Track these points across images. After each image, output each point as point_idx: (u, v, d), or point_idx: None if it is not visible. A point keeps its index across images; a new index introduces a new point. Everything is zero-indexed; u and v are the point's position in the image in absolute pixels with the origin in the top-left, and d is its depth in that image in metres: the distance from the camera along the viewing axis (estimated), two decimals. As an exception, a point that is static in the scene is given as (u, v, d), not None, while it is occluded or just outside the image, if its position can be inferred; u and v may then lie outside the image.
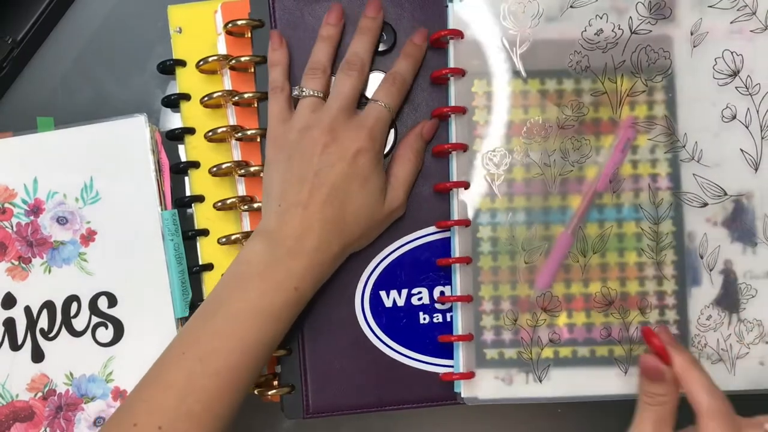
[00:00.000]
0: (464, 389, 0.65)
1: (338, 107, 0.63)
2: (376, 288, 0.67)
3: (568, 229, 0.65)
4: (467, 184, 0.64)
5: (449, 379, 0.65)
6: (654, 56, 0.64)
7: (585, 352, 0.65)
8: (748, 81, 0.64)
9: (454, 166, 0.65)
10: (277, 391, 0.67)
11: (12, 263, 0.70)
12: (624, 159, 0.65)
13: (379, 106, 0.64)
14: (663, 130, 0.65)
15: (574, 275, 0.65)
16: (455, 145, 0.64)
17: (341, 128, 0.62)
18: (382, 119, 0.64)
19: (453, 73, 0.64)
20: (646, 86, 0.64)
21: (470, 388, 0.65)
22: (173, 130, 0.70)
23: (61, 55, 0.75)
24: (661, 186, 0.65)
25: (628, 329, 0.65)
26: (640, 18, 0.64)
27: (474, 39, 0.65)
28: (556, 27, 0.65)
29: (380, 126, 0.63)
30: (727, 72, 0.64)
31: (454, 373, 0.65)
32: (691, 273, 0.65)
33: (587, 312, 0.65)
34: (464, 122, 0.65)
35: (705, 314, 0.65)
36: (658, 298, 0.65)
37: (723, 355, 0.65)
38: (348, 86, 0.64)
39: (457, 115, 0.65)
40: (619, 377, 0.65)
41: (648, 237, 0.64)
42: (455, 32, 0.64)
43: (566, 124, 0.65)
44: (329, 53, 0.65)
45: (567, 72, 0.65)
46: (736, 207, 0.65)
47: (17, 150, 0.70)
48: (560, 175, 0.65)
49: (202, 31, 0.70)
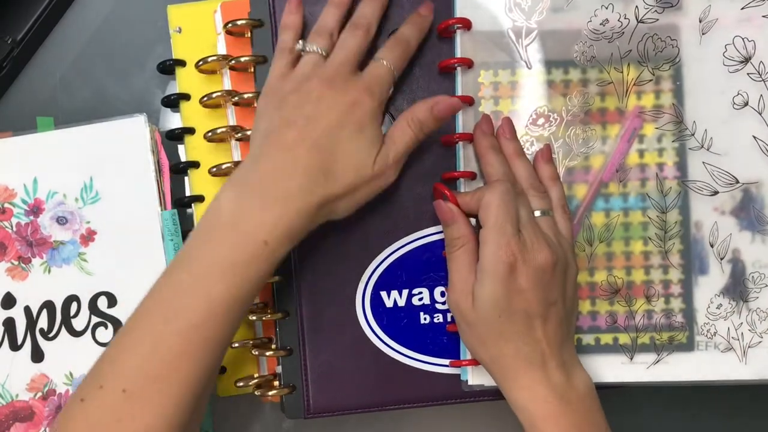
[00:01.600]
0: (471, 377, 0.65)
1: (340, 61, 0.61)
2: (376, 288, 0.67)
3: (574, 218, 0.65)
4: (474, 174, 0.64)
5: (458, 365, 0.65)
6: (661, 45, 0.64)
7: (589, 340, 0.65)
8: (761, 67, 0.64)
9: (461, 156, 0.65)
10: (277, 391, 0.66)
11: (12, 263, 0.69)
12: (630, 149, 0.65)
13: (382, 63, 0.62)
14: (671, 119, 0.65)
15: (580, 264, 0.65)
16: (462, 135, 0.64)
17: (340, 80, 0.60)
18: (383, 76, 0.61)
19: (460, 63, 0.64)
20: (653, 75, 0.64)
21: (477, 375, 0.65)
22: (173, 130, 0.70)
23: (61, 55, 0.75)
24: (668, 175, 0.65)
25: (634, 317, 0.65)
26: (647, 7, 0.64)
27: (481, 29, 0.64)
28: (562, 17, 0.65)
29: (380, 82, 0.61)
30: (738, 59, 0.64)
31: (463, 360, 0.65)
32: (697, 262, 0.65)
33: (592, 300, 0.65)
34: (471, 113, 0.64)
35: (715, 303, 0.65)
36: (664, 286, 0.65)
37: (734, 343, 0.65)
38: (352, 43, 0.62)
39: (464, 105, 0.64)
40: (624, 365, 0.65)
41: (656, 226, 0.65)
42: (463, 21, 0.64)
43: (572, 114, 0.65)
44: (338, 18, 0.63)
45: (573, 62, 0.65)
46: (744, 196, 0.65)
47: (17, 150, 0.70)
48: (566, 165, 0.64)
49: (201, 31, 0.70)
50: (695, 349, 0.65)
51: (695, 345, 0.65)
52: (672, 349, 0.65)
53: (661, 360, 0.65)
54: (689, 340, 0.65)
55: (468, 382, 0.65)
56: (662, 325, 0.65)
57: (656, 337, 0.65)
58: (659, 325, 0.65)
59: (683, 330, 0.65)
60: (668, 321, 0.65)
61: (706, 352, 0.65)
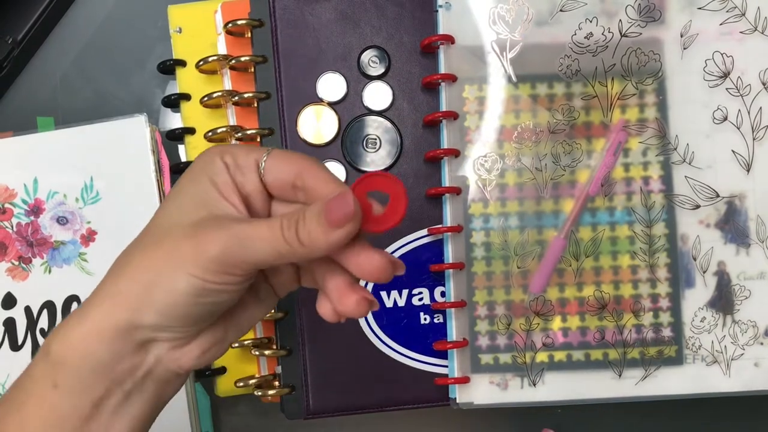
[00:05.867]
0: (459, 394, 0.65)
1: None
2: (376, 288, 0.67)
3: (560, 233, 0.65)
4: (459, 190, 0.64)
5: (444, 383, 0.65)
6: (644, 59, 0.65)
7: (579, 356, 0.65)
8: (739, 82, 0.64)
9: (446, 172, 0.65)
10: (277, 391, 0.66)
11: (12, 263, 0.69)
12: (616, 162, 0.65)
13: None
14: (654, 133, 0.65)
15: (567, 279, 0.65)
16: (447, 150, 0.64)
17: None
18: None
19: (444, 79, 0.64)
20: (637, 89, 0.65)
21: (465, 393, 0.65)
22: (173, 130, 0.70)
23: (61, 55, 0.75)
24: (654, 189, 0.65)
25: (622, 332, 0.65)
26: (630, 21, 0.64)
27: (464, 44, 0.65)
28: (545, 31, 0.65)
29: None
30: (718, 73, 0.65)
31: (449, 378, 0.65)
32: (684, 275, 0.65)
33: (581, 316, 0.65)
34: (456, 128, 0.65)
35: (699, 316, 0.65)
36: (651, 300, 0.65)
37: (718, 356, 0.65)
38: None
39: (448, 120, 0.64)
40: (613, 380, 0.65)
41: (641, 240, 0.65)
42: (446, 37, 0.64)
43: (557, 128, 0.65)
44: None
45: (557, 76, 0.65)
46: (728, 208, 0.65)
47: (17, 150, 0.70)
48: (552, 179, 0.65)
49: (202, 31, 0.70)
50: (684, 362, 0.65)
51: (683, 358, 0.65)
52: (660, 363, 0.64)
53: (650, 375, 0.64)
54: (678, 354, 0.65)
55: (456, 400, 0.65)
56: (651, 340, 0.65)
57: (645, 351, 0.64)
58: (648, 340, 0.64)
59: (672, 344, 0.65)
60: (657, 335, 0.64)
61: (694, 365, 0.65)
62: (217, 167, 0.45)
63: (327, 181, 0.45)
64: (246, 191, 0.46)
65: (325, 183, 0.45)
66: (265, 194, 0.47)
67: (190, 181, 0.46)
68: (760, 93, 0.64)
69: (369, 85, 0.66)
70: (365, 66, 0.67)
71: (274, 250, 0.43)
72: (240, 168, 0.46)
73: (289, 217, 0.43)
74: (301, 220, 0.43)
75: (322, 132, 0.66)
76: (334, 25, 0.67)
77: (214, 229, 0.43)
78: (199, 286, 0.42)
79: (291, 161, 0.46)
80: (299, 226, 0.43)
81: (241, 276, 0.43)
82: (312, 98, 0.67)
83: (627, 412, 0.73)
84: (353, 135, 0.66)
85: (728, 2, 0.65)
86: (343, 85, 0.67)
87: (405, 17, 0.67)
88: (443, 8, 0.64)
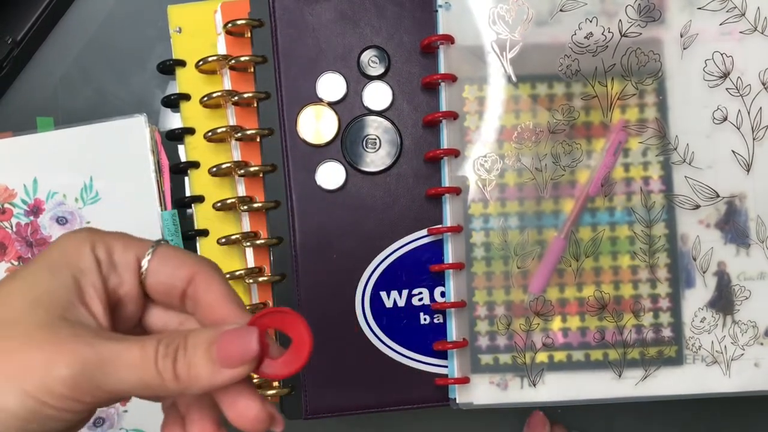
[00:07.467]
0: (459, 395, 0.65)
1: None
2: (376, 288, 0.67)
3: (560, 233, 0.65)
4: (459, 190, 0.64)
5: (444, 384, 0.65)
6: (644, 59, 0.65)
7: (579, 356, 0.65)
8: (739, 82, 0.64)
9: (446, 172, 0.65)
10: (276, 391, 0.66)
11: (12, 263, 0.69)
12: (616, 162, 0.65)
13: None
14: (654, 133, 0.65)
15: (567, 279, 0.65)
16: (447, 150, 0.64)
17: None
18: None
19: (443, 79, 0.64)
20: (637, 89, 0.65)
21: (465, 393, 0.65)
22: (173, 130, 0.70)
23: (61, 55, 0.75)
24: (654, 189, 0.65)
25: (622, 333, 0.65)
26: (630, 21, 0.64)
27: (464, 44, 0.65)
28: (545, 31, 0.65)
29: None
30: (718, 74, 0.65)
31: (449, 378, 0.65)
32: (684, 275, 0.65)
33: (581, 316, 0.65)
34: (455, 128, 0.65)
35: (699, 316, 0.65)
36: (651, 301, 0.65)
37: (718, 357, 0.65)
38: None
39: (448, 120, 0.64)
40: (613, 380, 0.65)
41: (641, 240, 0.64)
42: (445, 37, 0.64)
43: (557, 128, 0.65)
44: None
45: (557, 76, 0.65)
46: (728, 209, 0.65)
47: (17, 150, 0.70)
48: (552, 179, 0.65)
49: (201, 31, 0.70)
50: (684, 363, 0.65)
51: (683, 359, 0.65)
52: (660, 364, 0.64)
53: (650, 375, 0.64)
54: (678, 354, 0.65)
55: (456, 401, 0.65)
56: (651, 340, 0.65)
57: (645, 352, 0.64)
58: (648, 340, 0.64)
59: (672, 344, 0.65)
60: (657, 335, 0.64)
61: (694, 365, 0.65)
62: (84, 262, 0.37)
63: (225, 300, 0.38)
64: (118, 296, 0.38)
65: (223, 301, 0.38)
66: (143, 299, 0.39)
67: (46, 270, 0.37)
68: (760, 93, 0.64)
69: (369, 85, 0.66)
70: (365, 66, 0.67)
71: (140, 381, 0.34)
72: (115, 266, 0.38)
73: (168, 342, 0.35)
74: (182, 348, 0.35)
75: (321, 132, 0.66)
76: (333, 25, 0.67)
77: (71, 343, 0.34)
78: (33, 409, 0.33)
79: (182, 263, 0.38)
80: (179, 356, 0.34)
81: (89, 404, 0.35)
82: (312, 98, 0.67)
83: (627, 412, 0.73)
84: (353, 135, 0.66)
85: (728, 2, 0.65)
86: (343, 85, 0.67)
87: (405, 17, 0.67)
88: (443, 8, 0.65)
